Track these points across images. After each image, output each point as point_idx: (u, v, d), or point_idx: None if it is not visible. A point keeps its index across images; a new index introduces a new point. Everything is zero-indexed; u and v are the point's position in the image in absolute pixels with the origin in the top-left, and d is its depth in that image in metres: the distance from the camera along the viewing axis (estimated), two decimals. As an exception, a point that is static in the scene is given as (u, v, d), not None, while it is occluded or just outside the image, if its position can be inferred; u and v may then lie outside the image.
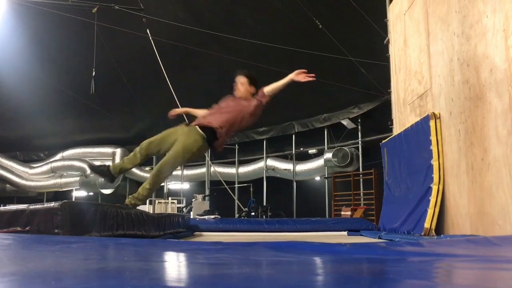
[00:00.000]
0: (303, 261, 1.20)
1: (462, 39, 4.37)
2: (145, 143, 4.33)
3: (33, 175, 17.73)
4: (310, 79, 4.24)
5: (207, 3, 12.00)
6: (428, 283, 0.92)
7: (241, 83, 4.46)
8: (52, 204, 2.52)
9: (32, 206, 2.51)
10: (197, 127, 4.27)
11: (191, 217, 8.39)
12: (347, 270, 1.03)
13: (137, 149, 4.33)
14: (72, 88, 13.60)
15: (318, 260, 1.22)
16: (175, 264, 1.10)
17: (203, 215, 7.36)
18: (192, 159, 4.37)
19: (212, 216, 6.86)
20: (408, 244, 1.71)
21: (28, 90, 13.57)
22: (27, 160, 18.50)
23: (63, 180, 17.55)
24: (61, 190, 17.89)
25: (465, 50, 4.30)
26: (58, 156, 17.79)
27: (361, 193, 12.44)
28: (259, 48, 11.62)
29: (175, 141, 4.26)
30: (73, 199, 18.21)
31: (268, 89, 4.41)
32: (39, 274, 0.80)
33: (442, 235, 3.83)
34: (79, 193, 18.24)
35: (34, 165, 18.00)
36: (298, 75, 4.24)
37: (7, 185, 18.09)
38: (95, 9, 10.99)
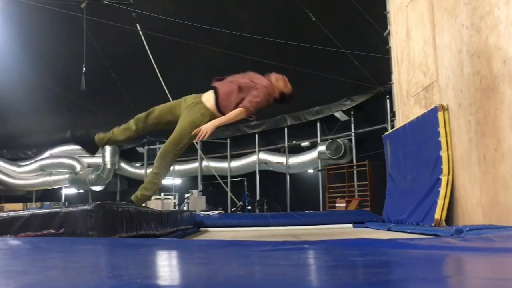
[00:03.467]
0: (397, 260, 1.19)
1: (471, 31, 4.38)
2: (142, 114, 4.00)
3: (21, 174, 17.44)
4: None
5: (196, -4, 11.90)
6: None
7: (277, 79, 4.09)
8: (85, 207, 2.49)
9: (65, 209, 2.47)
10: (204, 101, 3.95)
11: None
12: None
13: (132, 120, 4.00)
14: (59, 85, 13.39)
15: (415, 256, 1.22)
16: (277, 268, 1.07)
17: (207, 211, 7.33)
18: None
19: (216, 212, 6.83)
20: (480, 240, 1.71)
21: (14, 87, 13.33)
22: (14, 159, 18.17)
23: (52, 178, 17.30)
24: (50, 188, 17.64)
25: (475, 42, 4.32)
26: (47, 154, 17.52)
27: (355, 185, 12.52)
28: (250, 41, 11.55)
29: (178, 115, 3.96)
30: (63, 197, 17.99)
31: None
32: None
33: (461, 225, 3.86)
34: (68, 191, 18.01)
35: (22, 164, 17.70)
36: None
37: (-5, 184, 17.78)
38: (84, 4, 10.82)
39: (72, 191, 17.89)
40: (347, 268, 1.10)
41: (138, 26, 10.90)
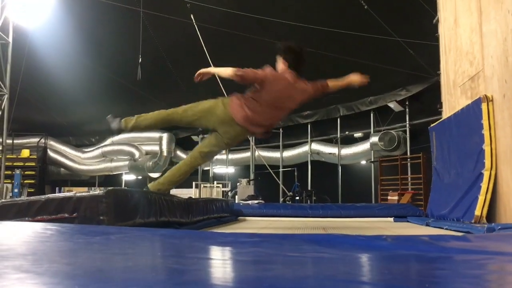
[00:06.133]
0: (341, 258, 1.16)
1: (517, 17, 4.11)
2: (176, 115, 4.06)
3: (85, 159, 18.41)
4: (365, 81, 4.29)
5: (250, -13, 11.89)
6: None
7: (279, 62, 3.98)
8: (97, 192, 2.59)
9: (78, 194, 2.58)
10: (240, 119, 3.82)
11: (236, 201, 8.46)
12: (387, 274, 0.98)
13: (164, 115, 4.12)
14: (119, 75, 13.94)
15: (354, 258, 1.18)
16: (205, 263, 1.09)
17: (247, 200, 7.42)
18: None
19: (256, 201, 6.88)
20: (453, 239, 1.63)
21: (78, 77, 14.03)
22: (79, 145, 19.20)
23: (113, 164, 18.11)
24: (111, 173, 18.48)
25: (521, 29, 4.05)
26: (108, 141, 18.35)
27: (409, 178, 12.14)
28: (304, 31, 11.44)
29: (212, 123, 3.92)
30: (123, 183, 18.79)
31: (331, 84, 4.22)
32: (67, 275, 0.81)
33: (493, 224, 3.66)
34: (128, 177, 18.78)
35: (86, 150, 18.67)
36: (355, 78, 4.25)
37: (62, 169, 18.87)
38: (141, -4, 11.19)
39: (132, 177, 18.65)
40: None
41: (192, 17, 11.12)
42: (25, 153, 17.58)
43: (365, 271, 0.97)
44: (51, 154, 18.28)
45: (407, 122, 12.71)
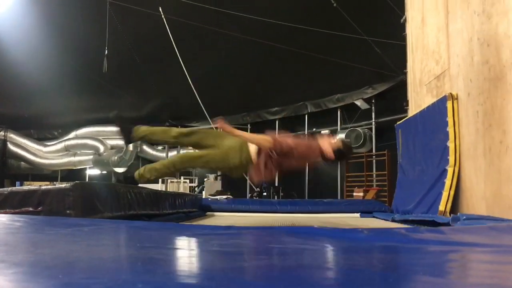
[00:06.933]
0: (320, 250, 1.16)
1: (483, 18, 4.23)
2: (185, 130, 3.99)
3: (47, 153, 17.88)
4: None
5: (220, -20, 11.80)
6: (443, 281, 0.87)
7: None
8: (63, 185, 2.51)
9: (44, 187, 2.50)
10: (251, 151, 3.65)
11: (203, 196, 8.42)
12: (362, 263, 0.99)
13: (175, 130, 3.93)
14: (84, 67, 13.59)
15: (334, 249, 1.18)
16: (188, 253, 1.07)
17: (215, 195, 7.38)
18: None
19: (224, 196, 6.86)
20: (428, 232, 1.66)
21: (41, 68, 13.58)
22: (41, 138, 18.63)
23: (77, 158, 17.67)
24: (75, 168, 18.03)
25: (486, 29, 4.17)
26: (72, 135, 17.88)
27: (374, 174, 12.36)
28: (273, 27, 11.44)
29: (220, 146, 3.74)
30: (87, 177, 18.39)
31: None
32: (47, 265, 0.77)
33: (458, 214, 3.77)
34: (92, 171, 18.38)
35: (48, 143, 18.13)
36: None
37: (22, 163, 18.28)
38: (108, -14, 10.93)
39: (96, 172, 18.26)
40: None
41: (160, 10, 10.95)
42: (-16, 146, 16.95)
43: (351, 261, 0.97)
44: (11, 147, 17.68)
45: (373, 120, 12.92)
